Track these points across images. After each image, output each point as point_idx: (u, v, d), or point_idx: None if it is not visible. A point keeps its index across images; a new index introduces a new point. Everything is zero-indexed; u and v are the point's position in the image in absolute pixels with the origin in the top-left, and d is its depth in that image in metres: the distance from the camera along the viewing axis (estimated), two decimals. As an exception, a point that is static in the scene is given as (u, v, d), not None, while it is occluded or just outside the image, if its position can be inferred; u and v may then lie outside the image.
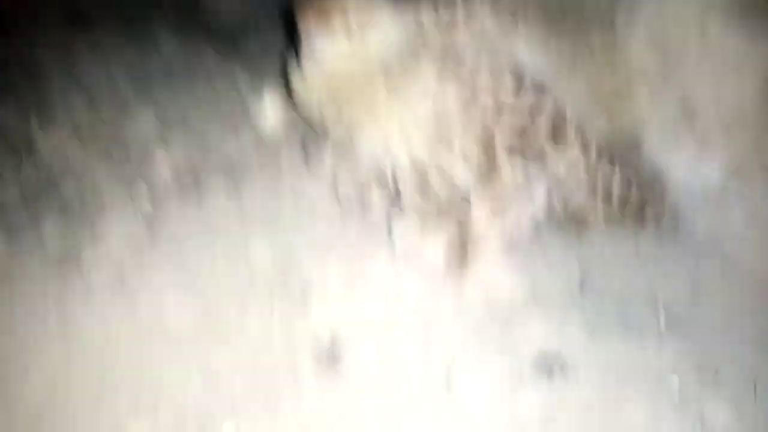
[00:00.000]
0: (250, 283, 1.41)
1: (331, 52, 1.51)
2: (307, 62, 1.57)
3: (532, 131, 1.55)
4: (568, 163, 1.58)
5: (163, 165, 1.86)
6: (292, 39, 1.64)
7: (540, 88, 1.56)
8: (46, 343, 1.26)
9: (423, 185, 1.54)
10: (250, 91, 2.24)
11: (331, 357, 1.28)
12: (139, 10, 2.62)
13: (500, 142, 1.52)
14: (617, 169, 1.62)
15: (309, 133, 1.91)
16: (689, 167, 1.62)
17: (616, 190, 1.61)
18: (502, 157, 1.54)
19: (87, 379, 1.22)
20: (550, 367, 1.21)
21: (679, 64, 1.59)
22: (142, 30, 2.54)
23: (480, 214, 1.48)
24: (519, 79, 1.54)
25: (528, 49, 1.61)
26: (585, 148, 1.60)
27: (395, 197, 1.57)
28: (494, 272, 1.48)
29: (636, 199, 1.63)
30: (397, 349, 1.29)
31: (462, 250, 1.47)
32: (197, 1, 2.64)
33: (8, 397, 1.19)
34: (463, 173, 1.56)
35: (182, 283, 1.39)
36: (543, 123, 1.55)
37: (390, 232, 1.50)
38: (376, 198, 1.61)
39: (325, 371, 1.26)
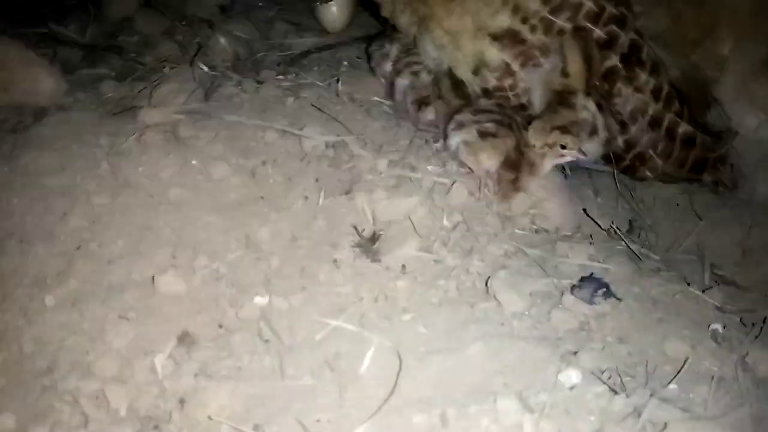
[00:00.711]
0: (300, 165, 1.40)
1: None
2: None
3: (605, 61, 1.49)
4: (637, 101, 1.53)
5: (225, 46, 1.85)
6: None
7: (620, 16, 1.49)
8: (94, 186, 1.27)
9: (485, 94, 1.50)
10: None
11: (370, 246, 1.27)
12: None
13: (573, 64, 1.47)
14: (686, 114, 1.56)
15: (374, 34, 1.88)
16: (762, 121, 1.55)
17: (680, 135, 1.55)
18: (572, 81, 1.48)
19: (128, 226, 1.23)
20: (593, 291, 1.18)
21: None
22: None
23: (540, 137, 1.43)
24: (601, 2, 1.47)
25: None
26: (656, 88, 1.54)
27: (457, 103, 1.54)
28: (545, 199, 1.45)
29: (699, 149, 1.57)
30: (438, 251, 1.27)
31: (516, 170, 1.43)
32: None
33: (50, 229, 1.20)
34: (526, 95, 1.52)
35: (234, 154, 1.38)
36: (617, 54, 1.49)
37: (447, 137, 1.45)
38: (434, 104, 1.58)
39: (363, 260, 1.25)
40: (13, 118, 1.44)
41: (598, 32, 1.46)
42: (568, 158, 1.45)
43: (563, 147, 1.40)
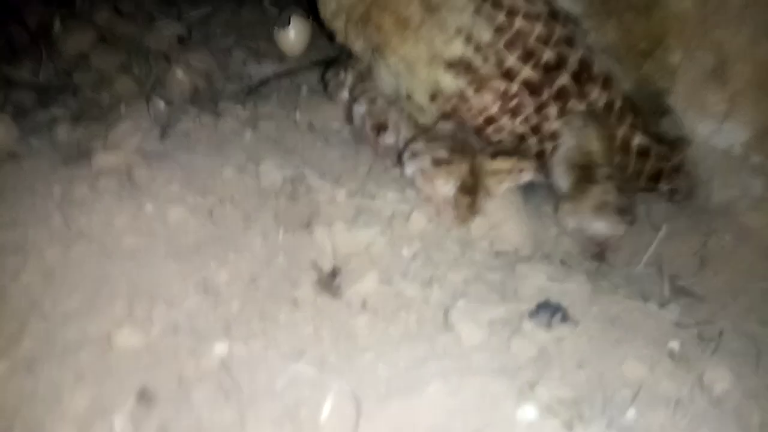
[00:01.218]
0: (258, 201, 1.40)
1: None
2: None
3: (556, 78, 1.51)
4: (589, 114, 1.54)
5: (182, 79, 1.83)
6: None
7: (569, 35, 1.51)
8: (46, 240, 1.25)
9: (443, 117, 1.52)
10: (275, 12, 2.20)
11: (331, 282, 1.27)
12: None
13: (525, 82, 1.48)
14: (640, 125, 1.57)
15: (331, 57, 1.88)
16: (714, 128, 1.57)
17: (635, 148, 1.57)
18: (523, 99, 1.50)
19: (83, 281, 1.21)
20: (550, 317, 1.19)
21: (718, 14, 1.52)
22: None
23: (495, 159, 1.45)
24: (551, 23, 1.49)
25: None
26: (609, 102, 1.55)
27: (412, 129, 1.55)
28: (502, 221, 1.46)
29: (654, 159, 1.59)
30: (398, 283, 1.28)
31: (472, 194, 1.44)
32: None
33: (3, 285, 1.18)
34: (484, 110, 1.53)
35: (191, 194, 1.37)
36: (568, 73, 1.51)
37: (403, 166, 1.46)
38: (393, 128, 1.58)
39: (324, 297, 1.25)
40: (-40, 169, 1.43)
41: (549, 54, 1.48)
42: (525, 179, 1.46)
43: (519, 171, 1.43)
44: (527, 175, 1.44)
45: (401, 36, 1.50)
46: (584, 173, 1.49)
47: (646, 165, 1.60)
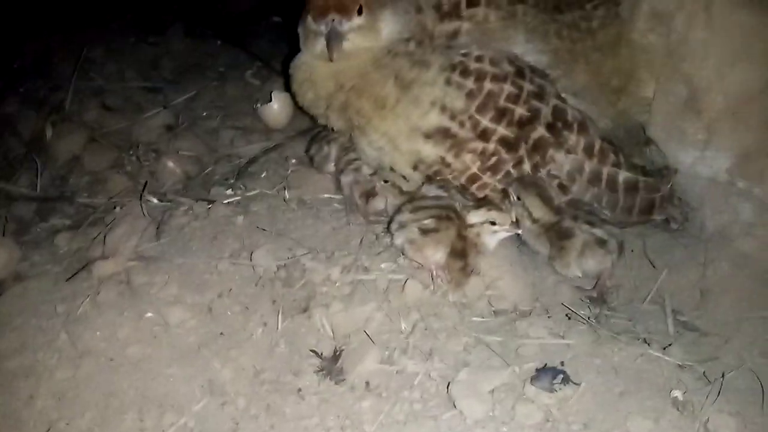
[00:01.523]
0: (254, 292, 1.43)
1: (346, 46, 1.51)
2: (315, 59, 1.58)
3: (531, 132, 1.53)
4: (572, 161, 1.56)
5: (173, 169, 1.89)
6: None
7: (538, 90, 1.54)
8: (55, 361, 1.29)
9: (428, 180, 1.55)
10: (258, 90, 2.26)
11: (333, 366, 1.29)
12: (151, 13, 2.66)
13: (501, 140, 1.51)
14: (622, 161, 1.58)
15: (314, 131, 1.92)
16: (696, 156, 1.58)
17: (622, 185, 1.58)
18: (501, 156, 1.53)
19: (93, 397, 1.25)
20: (551, 380, 1.20)
21: (685, 45, 1.53)
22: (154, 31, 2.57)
23: (481, 219, 1.47)
24: (518, 82, 1.52)
25: (528, 45, 1.59)
26: (588, 145, 1.57)
27: (399, 199, 1.58)
28: (498, 278, 1.47)
29: (643, 192, 1.60)
30: (400, 360, 1.29)
31: (463, 257, 1.45)
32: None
33: (18, 415, 1.22)
34: (465, 170, 1.56)
35: (189, 293, 1.41)
36: (542, 125, 1.53)
37: (392, 237, 1.49)
38: (381, 195, 1.63)
39: (327, 383, 1.27)
40: (-29, 297, 1.48)
41: (520, 111, 1.51)
42: (503, 234, 1.48)
43: (493, 224, 1.44)
44: (505, 231, 1.46)
45: (380, 115, 1.55)
46: (554, 233, 1.51)
47: (636, 199, 1.61)
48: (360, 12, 1.51)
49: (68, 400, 1.25)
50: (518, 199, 1.54)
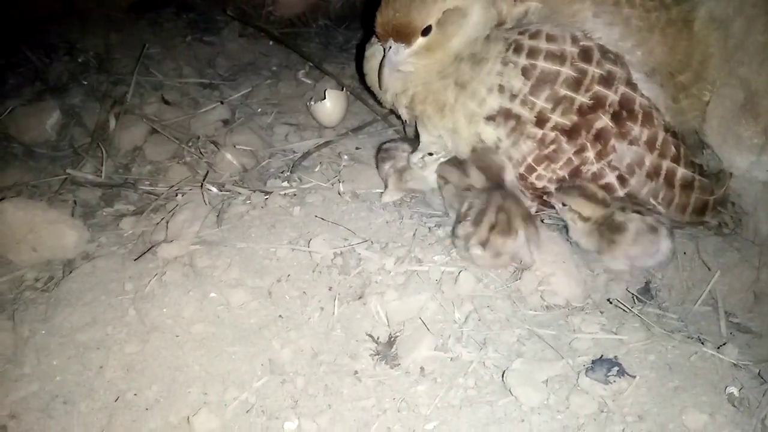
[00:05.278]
0: (312, 278, 1.47)
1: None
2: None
3: (594, 121, 1.53)
4: (633, 153, 1.56)
5: (231, 161, 1.95)
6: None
7: (606, 75, 1.52)
8: (124, 335, 1.35)
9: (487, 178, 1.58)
10: (311, 89, 2.32)
11: (388, 351, 1.33)
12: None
13: (559, 127, 1.52)
14: (682, 157, 1.59)
15: (372, 128, 1.96)
16: (752, 161, 1.58)
17: (678, 181, 1.58)
18: (560, 145, 1.54)
19: (160, 370, 1.31)
20: (606, 372, 1.22)
21: (743, 49, 1.53)
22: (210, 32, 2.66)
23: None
24: (581, 66, 1.51)
25: (596, 20, 1.57)
26: (651, 138, 1.56)
27: (458, 194, 1.61)
28: (551, 274, 1.49)
29: (698, 192, 1.60)
30: (454, 348, 1.32)
31: (522, 250, 1.48)
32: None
33: (90, 384, 1.28)
34: (524, 160, 1.57)
35: (250, 277, 1.46)
36: (607, 114, 1.53)
37: (453, 232, 1.52)
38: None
39: (383, 367, 1.31)
40: (44, 274, 1.55)
41: (581, 99, 1.51)
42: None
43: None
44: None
45: (440, 113, 1.60)
46: (606, 227, 1.52)
47: (691, 197, 1.61)
48: (427, 32, 1.51)
49: (136, 372, 1.30)
50: (563, 205, 1.57)
